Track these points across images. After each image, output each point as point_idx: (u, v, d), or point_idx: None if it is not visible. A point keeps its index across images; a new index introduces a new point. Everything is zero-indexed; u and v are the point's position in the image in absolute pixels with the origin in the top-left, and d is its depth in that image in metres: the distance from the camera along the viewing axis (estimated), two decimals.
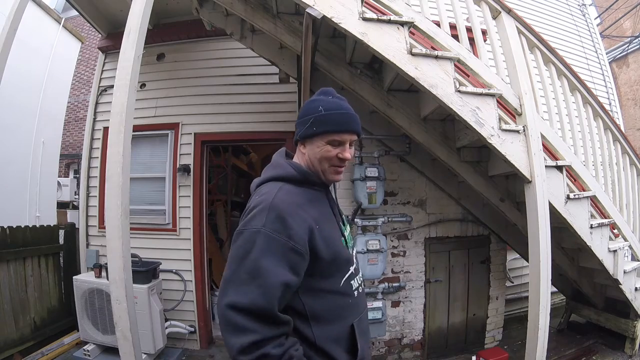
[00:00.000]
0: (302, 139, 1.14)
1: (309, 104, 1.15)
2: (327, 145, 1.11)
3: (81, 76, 9.47)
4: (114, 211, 1.93)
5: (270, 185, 1.09)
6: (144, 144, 4.19)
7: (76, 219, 4.69)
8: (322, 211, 1.13)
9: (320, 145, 1.11)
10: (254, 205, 1.04)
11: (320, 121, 1.10)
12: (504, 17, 2.47)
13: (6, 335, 3.34)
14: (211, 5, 3.29)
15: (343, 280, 1.11)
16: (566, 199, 2.47)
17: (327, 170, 1.14)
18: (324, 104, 1.12)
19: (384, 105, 2.95)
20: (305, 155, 1.15)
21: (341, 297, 1.11)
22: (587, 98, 2.87)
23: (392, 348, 3.50)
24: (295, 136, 1.17)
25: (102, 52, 4.48)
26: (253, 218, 1.00)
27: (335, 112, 1.11)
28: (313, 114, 1.11)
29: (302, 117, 1.14)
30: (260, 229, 0.97)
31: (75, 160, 9.00)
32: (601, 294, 3.42)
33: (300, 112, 1.17)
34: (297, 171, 1.12)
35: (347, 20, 2.07)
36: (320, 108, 1.11)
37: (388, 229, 3.43)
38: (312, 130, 1.10)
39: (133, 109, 2.06)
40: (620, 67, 9.63)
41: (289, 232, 0.98)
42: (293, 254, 0.98)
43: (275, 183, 1.09)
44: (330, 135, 1.10)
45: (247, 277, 0.94)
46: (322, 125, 1.10)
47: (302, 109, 1.17)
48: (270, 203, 1.01)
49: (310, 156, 1.13)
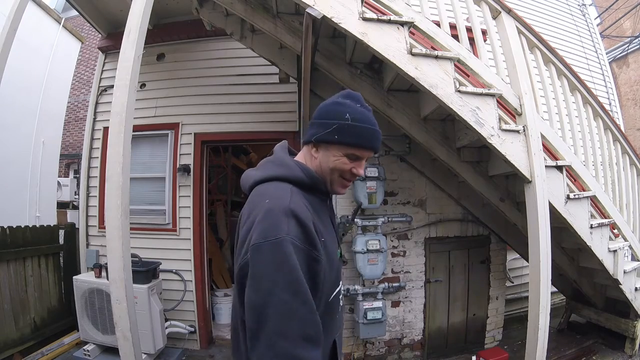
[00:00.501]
0: (317, 142, 1.03)
1: (334, 107, 1.03)
2: (344, 157, 1.01)
3: (81, 76, 9.47)
4: (114, 211, 1.93)
5: (276, 185, 0.97)
6: (144, 144, 4.20)
7: (76, 219, 4.69)
8: (324, 222, 1.03)
9: (337, 155, 1.01)
10: (265, 210, 0.89)
11: (345, 130, 0.99)
12: (504, 17, 2.47)
13: (6, 335, 3.34)
14: (211, 5, 3.29)
15: (333, 296, 1.03)
16: (566, 199, 2.47)
17: (335, 181, 1.05)
18: (351, 112, 1.01)
19: (384, 105, 2.95)
20: (316, 160, 1.04)
21: (331, 312, 1.03)
22: (587, 98, 2.87)
23: (392, 348, 3.50)
24: (309, 136, 1.05)
25: (102, 52, 4.48)
26: (272, 226, 0.85)
27: (363, 126, 1.01)
28: (338, 119, 1.00)
29: (323, 119, 1.02)
30: (285, 237, 0.83)
31: (75, 160, 9.00)
32: (601, 294, 3.42)
33: (321, 112, 1.04)
34: (307, 176, 1.01)
35: (347, 20, 2.07)
36: (348, 116, 1.00)
37: (388, 229, 3.43)
38: (334, 137, 1.00)
39: (133, 109, 2.06)
40: (620, 67, 9.63)
41: (312, 240, 0.88)
42: (315, 265, 0.88)
43: (282, 184, 0.97)
44: (351, 148, 1.01)
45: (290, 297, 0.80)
46: (346, 135, 0.99)
47: (324, 109, 1.04)
48: (288, 208, 0.88)
49: (323, 163, 1.03)
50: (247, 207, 0.97)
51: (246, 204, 0.99)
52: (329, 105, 1.05)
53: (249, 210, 0.94)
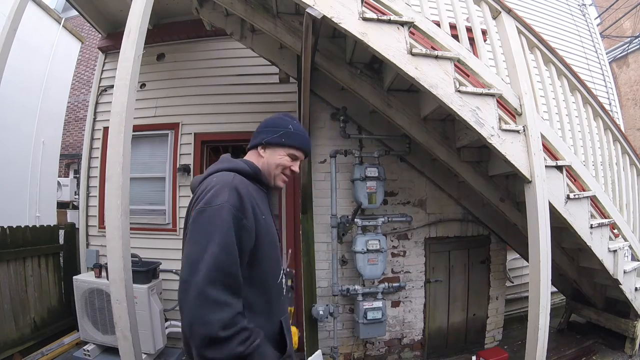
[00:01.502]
0: (266, 144, 1.30)
1: (278, 119, 1.34)
2: (287, 157, 1.31)
3: (81, 76, 9.46)
4: (114, 211, 1.93)
5: (222, 174, 1.16)
6: (144, 144, 4.20)
7: (76, 219, 4.69)
8: (266, 208, 1.25)
9: (282, 154, 1.30)
10: (211, 185, 1.09)
11: (289, 135, 1.31)
12: (504, 17, 2.47)
13: (6, 335, 3.33)
14: (211, 5, 3.29)
15: (280, 278, 1.25)
16: (566, 199, 2.47)
17: (278, 175, 1.32)
18: (293, 124, 1.33)
19: (384, 105, 2.95)
20: (263, 158, 1.31)
21: (275, 291, 1.22)
22: (587, 98, 2.87)
23: (392, 348, 3.50)
24: (259, 140, 1.31)
25: (102, 52, 4.48)
26: (215, 195, 1.05)
27: (301, 134, 1.34)
28: (284, 127, 1.31)
29: (271, 127, 1.32)
30: (224, 204, 1.03)
31: (75, 160, 9.00)
32: (601, 294, 3.42)
33: (269, 123, 1.34)
34: (249, 166, 1.25)
35: (347, 20, 2.07)
36: (290, 126, 1.32)
37: (388, 229, 3.43)
38: (281, 140, 1.30)
39: (133, 109, 2.06)
40: (620, 67, 9.63)
41: (245, 210, 1.07)
42: (244, 232, 1.06)
43: (227, 173, 1.16)
44: (293, 149, 1.32)
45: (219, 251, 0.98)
46: (290, 139, 1.30)
47: (272, 121, 1.34)
48: (231, 183, 1.09)
49: (269, 160, 1.30)
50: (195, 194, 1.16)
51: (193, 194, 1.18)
52: (275, 119, 1.35)
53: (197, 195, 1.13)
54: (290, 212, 3.82)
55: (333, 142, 3.41)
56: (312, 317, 3.13)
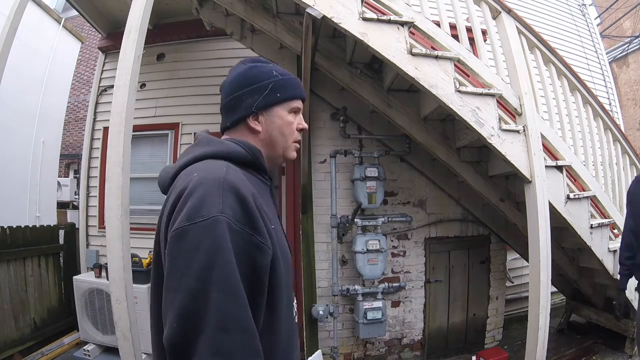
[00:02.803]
0: (259, 109, 0.88)
1: (252, 70, 0.91)
2: (291, 115, 0.91)
3: (81, 76, 9.45)
4: (114, 211, 1.93)
5: (207, 162, 0.77)
6: (144, 144, 4.20)
7: (76, 219, 4.69)
8: (272, 210, 0.85)
9: (282, 114, 0.90)
10: (193, 185, 0.69)
11: (282, 86, 0.89)
12: (504, 17, 2.47)
13: (6, 335, 3.33)
14: (211, 5, 3.29)
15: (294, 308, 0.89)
16: (566, 199, 2.47)
17: (289, 146, 0.93)
18: (274, 69, 0.91)
19: (384, 105, 2.95)
20: (261, 132, 0.89)
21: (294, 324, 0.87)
22: (587, 98, 2.87)
23: (392, 348, 3.50)
24: (244, 109, 0.88)
25: (102, 52, 4.48)
26: (202, 202, 0.66)
27: (291, 77, 0.93)
28: (269, 78, 0.88)
29: (251, 85, 0.88)
30: (218, 217, 0.65)
31: (75, 160, 8.99)
32: (601, 294, 3.42)
33: (242, 81, 0.89)
34: (246, 148, 0.83)
35: (347, 20, 2.07)
36: (274, 72, 0.90)
37: (388, 229, 3.43)
38: (276, 96, 0.88)
39: (133, 109, 2.06)
40: (620, 67, 9.63)
41: (254, 222, 0.70)
42: (259, 255, 0.69)
43: (215, 161, 0.77)
44: (293, 101, 0.91)
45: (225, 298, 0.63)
46: (285, 89, 0.89)
47: (244, 76, 0.90)
48: (224, 180, 0.69)
49: (272, 131, 0.89)
50: (167, 197, 0.77)
51: (168, 194, 0.78)
52: (249, 71, 0.91)
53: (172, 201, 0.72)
54: (290, 212, 3.81)
55: (333, 142, 3.41)
56: (312, 317, 3.13)
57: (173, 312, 0.63)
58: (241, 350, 0.63)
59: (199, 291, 0.62)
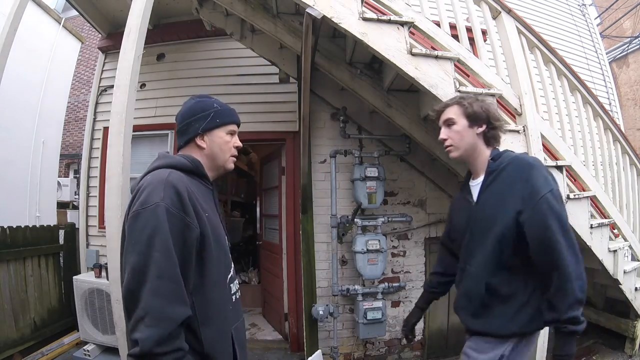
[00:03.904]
0: (204, 132, 1.19)
1: (199, 104, 1.22)
2: (228, 135, 1.23)
3: (81, 76, 9.46)
4: (114, 211, 1.93)
5: (157, 171, 1.07)
6: (144, 144, 4.19)
7: (76, 219, 4.69)
8: (210, 206, 1.15)
9: (222, 135, 1.21)
10: (145, 185, 1.00)
11: (220, 114, 1.22)
12: (504, 17, 2.47)
13: (6, 335, 3.33)
14: (211, 5, 3.29)
15: (228, 279, 1.15)
16: (566, 199, 2.46)
17: (227, 159, 1.24)
18: (215, 102, 1.24)
19: (384, 105, 2.95)
20: (205, 149, 1.20)
21: (226, 294, 1.13)
22: (587, 98, 2.87)
23: (392, 348, 3.50)
24: (194, 132, 1.19)
25: (102, 52, 4.48)
26: (149, 195, 0.97)
27: (228, 108, 1.26)
28: (211, 109, 1.21)
29: (199, 114, 1.20)
30: (159, 203, 0.95)
31: (75, 160, 8.99)
32: (601, 294, 3.42)
33: (194, 110, 1.21)
34: (188, 160, 1.14)
35: (347, 20, 2.07)
36: (215, 104, 1.23)
37: (388, 229, 3.43)
38: (216, 122, 1.20)
39: (133, 109, 2.06)
40: (620, 67, 9.63)
41: (186, 208, 0.99)
42: (188, 232, 0.98)
43: (162, 170, 1.07)
44: (230, 125, 1.23)
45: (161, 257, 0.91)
46: (223, 117, 1.22)
47: (192, 108, 1.22)
48: (165, 179, 1.00)
49: (213, 148, 1.20)
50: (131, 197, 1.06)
51: None
52: (196, 105, 1.22)
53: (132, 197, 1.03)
54: (290, 212, 3.81)
55: (333, 142, 3.41)
56: (312, 317, 3.13)
57: (129, 267, 0.93)
58: (172, 295, 0.91)
59: (144, 253, 0.92)
